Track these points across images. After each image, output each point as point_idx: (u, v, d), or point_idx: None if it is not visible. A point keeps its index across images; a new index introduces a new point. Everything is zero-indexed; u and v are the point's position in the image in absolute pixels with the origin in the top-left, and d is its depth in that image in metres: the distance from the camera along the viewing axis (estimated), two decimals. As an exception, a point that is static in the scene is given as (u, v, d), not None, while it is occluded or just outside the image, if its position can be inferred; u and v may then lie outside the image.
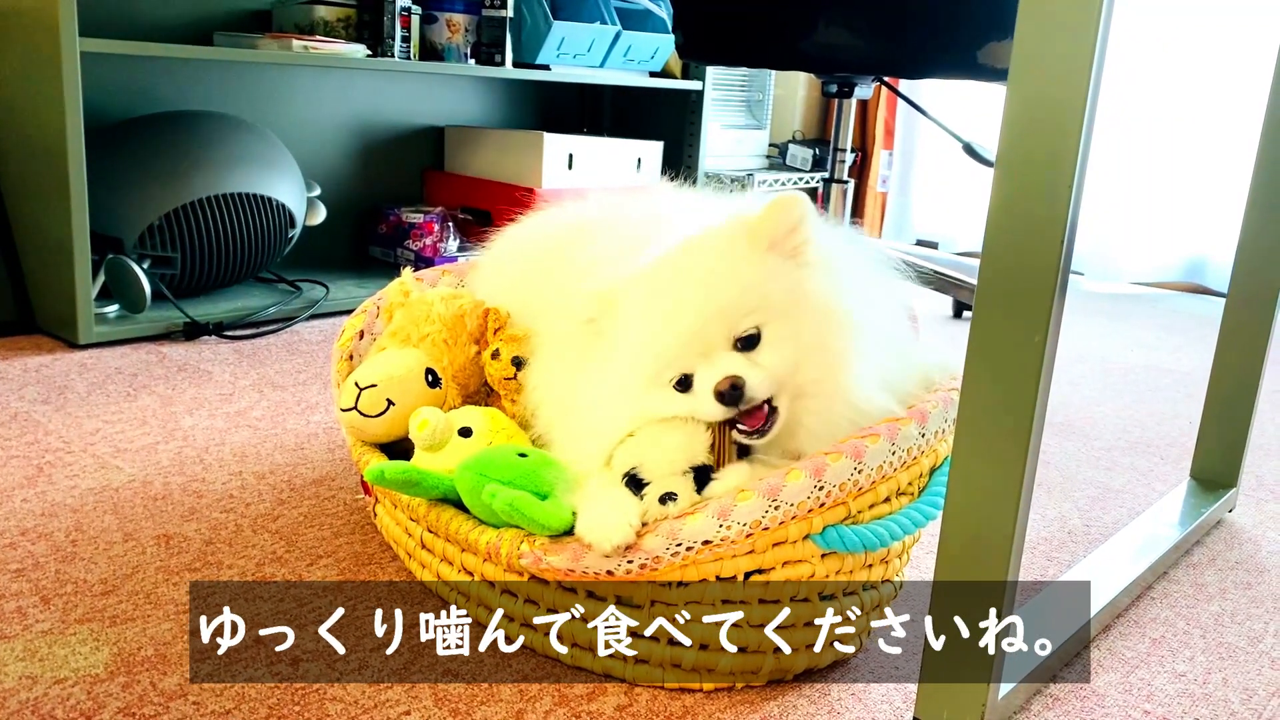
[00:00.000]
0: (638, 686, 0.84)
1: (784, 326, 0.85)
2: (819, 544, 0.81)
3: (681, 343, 0.84)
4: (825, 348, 0.85)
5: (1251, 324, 1.23)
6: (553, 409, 0.94)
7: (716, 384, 0.82)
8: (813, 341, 0.85)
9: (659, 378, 0.85)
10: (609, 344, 0.88)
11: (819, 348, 0.85)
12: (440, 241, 2.29)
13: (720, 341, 0.84)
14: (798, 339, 0.85)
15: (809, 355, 0.85)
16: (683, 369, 0.85)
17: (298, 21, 2.07)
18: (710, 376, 0.83)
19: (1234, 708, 0.87)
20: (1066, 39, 0.66)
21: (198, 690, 0.80)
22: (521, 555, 0.81)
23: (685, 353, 0.84)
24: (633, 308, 0.87)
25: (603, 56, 2.43)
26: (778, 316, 0.85)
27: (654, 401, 0.86)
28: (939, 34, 1.65)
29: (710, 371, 0.83)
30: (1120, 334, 2.30)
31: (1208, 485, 1.29)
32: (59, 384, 1.50)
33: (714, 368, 0.83)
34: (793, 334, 0.85)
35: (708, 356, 0.84)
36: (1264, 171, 1.18)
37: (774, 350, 0.84)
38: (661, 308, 0.85)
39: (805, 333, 0.85)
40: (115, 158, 1.78)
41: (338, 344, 1.14)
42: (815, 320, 0.85)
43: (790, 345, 0.84)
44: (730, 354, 0.84)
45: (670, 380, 0.85)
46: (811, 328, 0.85)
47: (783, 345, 0.84)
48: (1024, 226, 0.69)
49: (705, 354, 0.84)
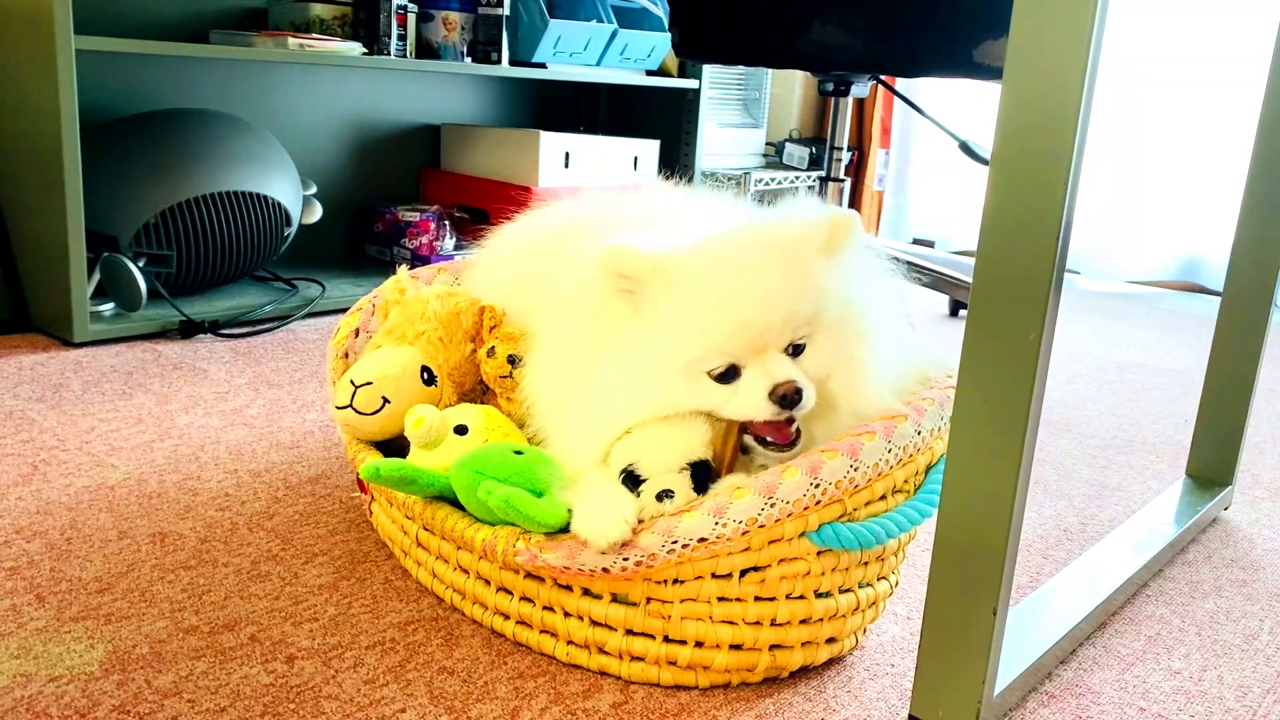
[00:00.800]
0: (633, 684, 0.84)
1: (825, 340, 0.84)
2: (815, 542, 0.81)
3: (745, 330, 0.81)
4: (852, 367, 0.85)
5: (1246, 322, 1.23)
6: (550, 404, 0.92)
7: (779, 385, 0.80)
8: (844, 360, 0.85)
9: (700, 363, 0.82)
10: (646, 317, 0.83)
11: (847, 366, 0.85)
12: (436, 240, 2.28)
13: (778, 340, 0.82)
14: (834, 355, 0.84)
15: (838, 370, 0.85)
16: (732, 359, 0.82)
17: (293, 19, 2.07)
18: (765, 375, 0.81)
19: (1229, 705, 0.87)
20: (1061, 37, 0.66)
21: (192, 688, 0.80)
22: (517, 553, 0.81)
23: (742, 342, 0.81)
24: (690, 282, 0.82)
25: (599, 55, 2.43)
26: (823, 328, 0.84)
27: (685, 389, 0.82)
28: (935, 32, 1.65)
29: (763, 369, 0.81)
30: (1116, 333, 2.31)
31: (1203, 483, 1.29)
32: (54, 382, 1.49)
33: (767, 366, 0.81)
34: (830, 350, 0.84)
35: (761, 354, 0.82)
36: (1259, 171, 1.19)
37: (814, 361, 0.84)
38: (731, 287, 0.81)
39: (841, 351, 0.85)
40: (111, 156, 1.78)
41: (333, 342, 1.14)
42: (851, 340, 0.85)
43: (827, 359, 0.84)
44: (784, 357, 0.82)
45: (713, 370, 0.82)
46: (847, 347, 0.85)
47: (821, 358, 0.84)
48: (1019, 224, 0.69)
49: (760, 350, 0.82)
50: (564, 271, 0.98)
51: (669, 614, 0.82)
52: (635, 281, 0.83)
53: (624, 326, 0.84)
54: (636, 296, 0.83)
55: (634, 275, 0.82)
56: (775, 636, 0.83)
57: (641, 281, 0.82)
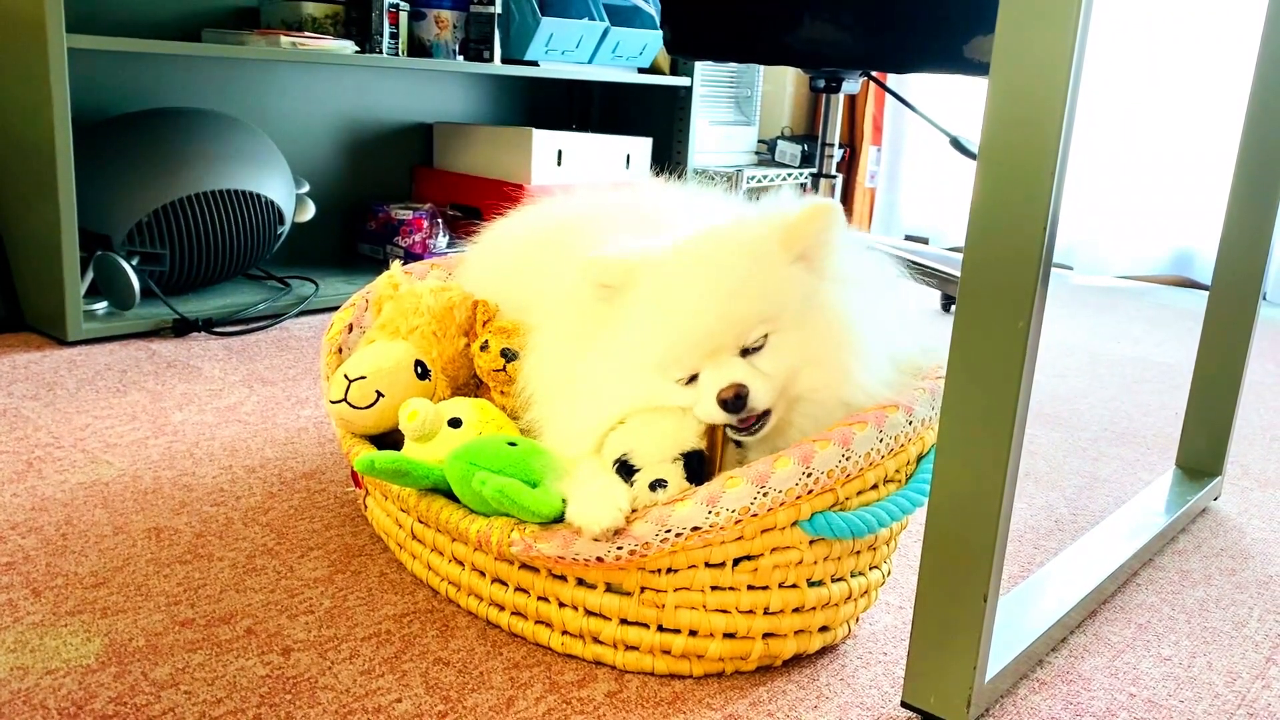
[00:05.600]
0: (628, 673, 0.85)
1: (791, 335, 0.85)
2: (807, 530, 0.81)
3: (693, 343, 0.83)
4: (828, 361, 0.85)
5: (1235, 316, 1.24)
6: (548, 394, 0.93)
7: (721, 390, 0.82)
8: (817, 354, 0.85)
9: (663, 369, 0.85)
10: (619, 318, 0.87)
11: (822, 360, 0.85)
12: (429, 238, 2.29)
13: (730, 346, 0.84)
14: (803, 349, 0.85)
15: (810, 366, 0.85)
16: (689, 368, 0.84)
17: (286, 18, 2.07)
18: (715, 380, 0.83)
19: (1218, 690, 0.88)
20: (1047, 31, 0.67)
21: (189, 680, 0.80)
22: (512, 543, 0.82)
23: (695, 352, 0.83)
24: (652, 291, 0.85)
25: (591, 52, 2.43)
26: (788, 325, 0.84)
27: (656, 388, 0.85)
28: (925, 28, 1.66)
29: (716, 374, 0.83)
30: (1107, 327, 2.32)
31: (1193, 474, 1.30)
32: (48, 380, 1.49)
33: (719, 370, 0.83)
34: (798, 344, 0.85)
35: (715, 357, 0.83)
36: (1246, 164, 1.19)
37: (777, 357, 0.84)
38: (681, 301, 0.84)
39: (811, 344, 0.85)
40: (103, 155, 1.78)
41: (326, 337, 1.15)
42: (823, 333, 0.85)
43: (794, 354, 0.84)
44: (735, 360, 0.84)
45: (676, 377, 0.85)
46: (818, 341, 0.85)
47: (787, 353, 0.84)
48: (1007, 214, 0.70)
49: (713, 355, 0.84)
50: (558, 266, 0.98)
51: (663, 603, 0.83)
52: (612, 289, 0.87)
53: (605, 326, 0.88)
54: (614, 300, 0.87)
55: (612, 283, 0.87)
56: (768, 625, 0.84)
57: (618, 287, 0.87)
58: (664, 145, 2.71)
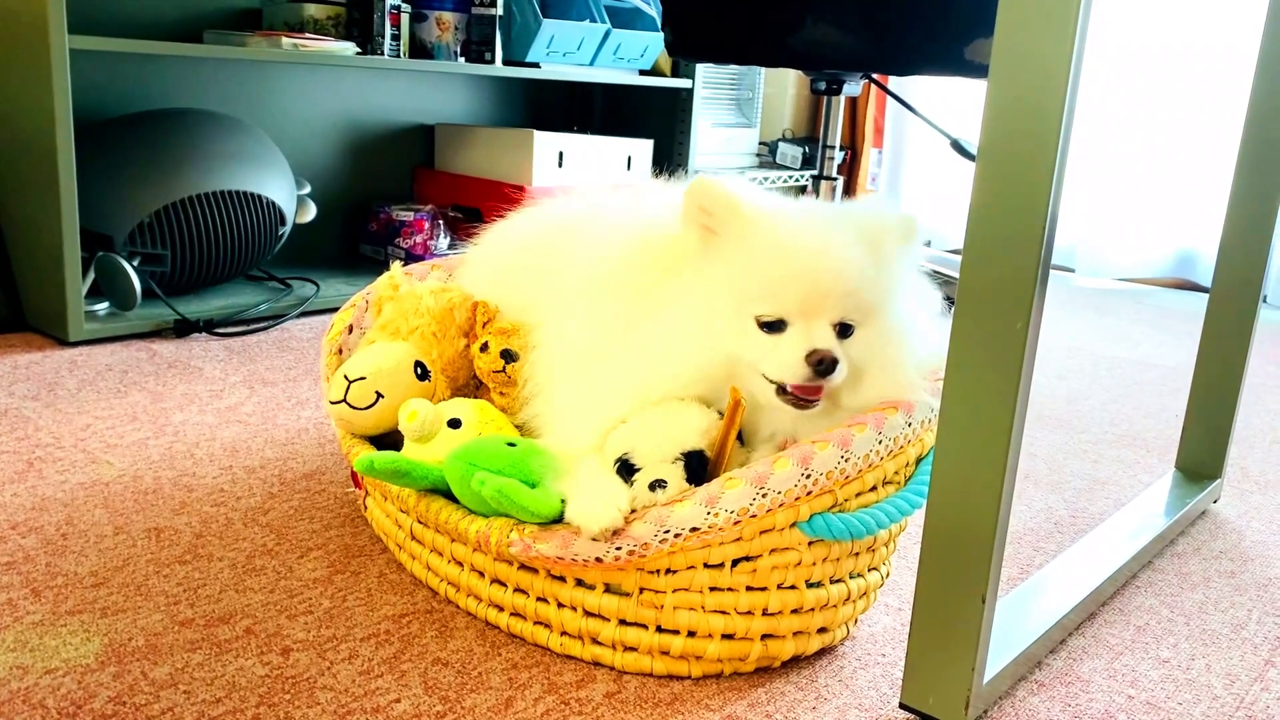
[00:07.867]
0: (627, 674, 0.85)
1: (872, 332, 0.85)
2: (806, 532, 0.81)
3: (805, 285, 0.82)
4: (889, 361, 0.86)
5: (1235, 318, 1.24)
6: (554, 387, 0.93)
7: (816, 349, 0.81)
8: (883, 356, 0.86)
9: (753, 305, 0.83)
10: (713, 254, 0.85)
11: (885, 367, 0.86)
12: (430, 239, 2.29)
13: (831, 311, 0.83)
14: (875, 348, 0.85)
15: (873, 366, 0.86)
16: (782, 312, 0.83)
17: (287, 19, 2.08)
18: (807, 338, 0.82)
19: (1216, 692, 0.88)
20: (1046, 33, 0.67)
21: (188, 679, 0.80)
22: (511, 543, 0.82)
23: (798, 298, 0.82)
24: (767, 231, 0.84)
25: (592, 54, 2.43)
26: (873, 320, 0.85)
27: (731, 331, 0.84)
28: (927, 30, 1.66)
29: (807, 332, 0.82)
30: (1108, 329, 2.32)
31: (1193, 476, 1.30)
32: (49, 381, 1.50)
33: (811, 331, 0.82)
34: (875, 342, 0.85)
35: (810, 318, 0.83)
36: (1246, 167, 1.20)
37: (855, 349, 0.85)
38: (806, 244, 0.83)
39: (883, 346, 0.86)
40: (105, 155, 1.78)
41: (327, 338, 1.15)
42: (893, 336, 0.86)
43: (867, 352, 0.85)
44: (829, 328, 0.84)
45: (763, 316, 0.83)
46: (889, 342, 0.86)
47: (863, 348, 0.85)
48: (1006, 216, 0.70)
49: (810, 314, 0.83)
50: (559, 267, 0.99)
51: (661, 604, 0.83)
52: (714, 218, 0.85)
53: (687, 262, 0.87)
54: (710, 233, 0.86)
55: (715, 211, 0.85)
56: (767, 626, 0.84)
57: (720, 219, 0.85)
58: (665, 147, 2.71)
